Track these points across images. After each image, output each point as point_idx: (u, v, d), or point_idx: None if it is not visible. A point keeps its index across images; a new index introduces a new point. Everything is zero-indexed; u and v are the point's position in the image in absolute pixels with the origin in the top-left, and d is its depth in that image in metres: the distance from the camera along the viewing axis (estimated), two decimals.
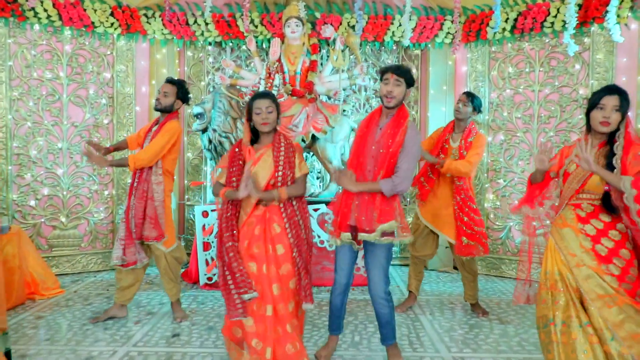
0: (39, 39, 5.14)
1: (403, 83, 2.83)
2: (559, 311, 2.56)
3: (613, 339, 2.42)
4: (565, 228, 2.59)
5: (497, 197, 5.45)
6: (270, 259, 2.77)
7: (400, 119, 2.85)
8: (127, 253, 3.68)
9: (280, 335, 2.73)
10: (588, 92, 4.91)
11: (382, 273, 2.88)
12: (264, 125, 2.83)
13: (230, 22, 5.57)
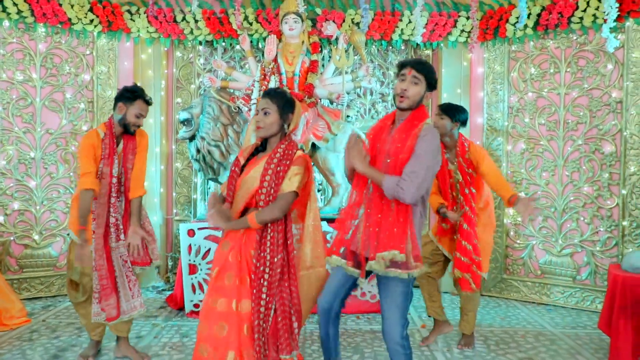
0: (8, 36, 4.64)
1: (422, 81, 2.30)
2: None
3: None
4: None
5: (517, 213, 4.89)
6: (243, 293, 2.24)
7: (415, 120, 2.33)
8: None
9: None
10: (622, 95, 4.37)
11: (398, 313, 2.33)
12: (257, 129, 2.33)
13: (222, 19, 5.05)
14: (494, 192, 3.45)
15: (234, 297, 2.23)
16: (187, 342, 3.64)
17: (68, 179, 4.90)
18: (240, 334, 2.20)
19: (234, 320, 2.21)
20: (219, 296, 2.25)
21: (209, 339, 2.23)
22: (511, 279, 4.94)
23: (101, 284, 2.96)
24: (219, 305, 2.23)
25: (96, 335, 3.25)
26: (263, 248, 2.25)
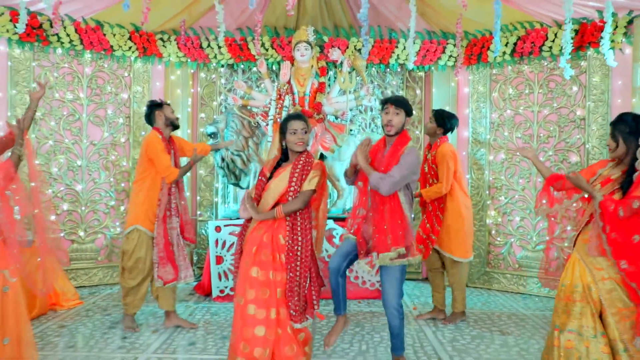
0: (61, 62, 5.42)
1: (402, 112, 3.09)
2: (568, 320, 2.76)
3: (625, 350, 2.62)
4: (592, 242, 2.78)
5: (498, 214, 5.64)
6: (275, 266, 2.97)
7: (399, 145, 3.11)
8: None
9: (280, 336, 2.92)
10: (585, 113, 5.13)
11: (396, 287, 3.08)
12: (299, 145, 3.04)
13: (242, 46, 5.83)
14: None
15: (270, 269, 2.96)
16: (217, 318, 4.37)
17: (108, 184, 5.66)
18: (276, 297, 2.94)
19: (272, 286, 2.94)
20: (254, 266, 2.97)
21: (256, 301, 2.95)
22: (493, 271, 5.67)
23: (159, 255, 3.76)
24: (260, 276, 2.95)
25: (134, 310, 4.00)
26: (295, 232, 2.99)
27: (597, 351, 2.66)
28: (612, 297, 2.70)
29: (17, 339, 2.77)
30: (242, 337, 2.94)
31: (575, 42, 5.01)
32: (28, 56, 5.22)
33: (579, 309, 2.74)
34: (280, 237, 3.01)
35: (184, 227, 4.10)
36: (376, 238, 3.04)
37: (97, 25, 5.40)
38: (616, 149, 2.80)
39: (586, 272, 2.77)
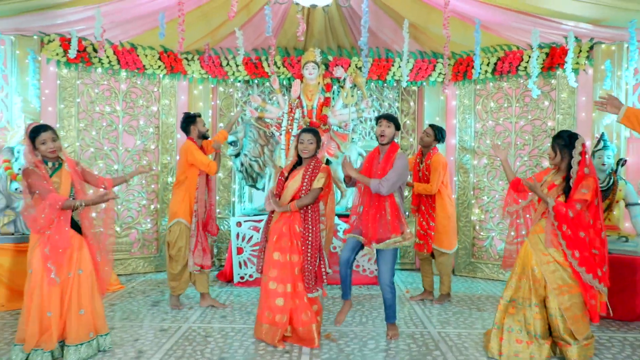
0: (100, 79, 6.24)
1: (392, 125, 3.92)
2: (512, 292, 3.57)
3: (562, 316, 3.42)
4: (542, 233, 3.57)
5: (481, 212, 6.45)
6: (292, 250, 3.79)
7: (391, 153, 3.93)
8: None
9: (297, 305, 3.75)
10: (555, 125, 5.94)
11: (389, 267, 3.89)
12: (304, 152, 3.88)
13: (257, 64, 6.64)
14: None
15: (287, 252, 3.77)
16: (239, 299, 5.17)
17: (140, 185, 6.47)
18: (293, 274, 3.75)
19: (290, 266, 3.76)
20: (276, 251, 3.79)
21: (277, 278, 3.76)
22: (477, 262, 6.47)
23: (195, 244, 4.58)
24: (280, 259, 3.77)
25: (180, 292, 4.80)
26: (307, 222, 3.80)
27: (530, 316, 3.49)
28: (555, 277, 3.49)
29: (92, 312, 3.56)
30: (267, 307, 3.77)
31: (546, 63, 5.84)
32: (73, 75, 6.03)
33: (522, 284, 3.55)
34: (296, 227, 3.83)
35: (208, 222, 4.88)
36: (374, 229, 3.84)
37: (131, 47, 6.22)
38: (554, 158, 3.59)
39: (533, 257, 3.56)
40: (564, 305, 3.45)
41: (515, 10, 5.30)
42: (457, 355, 3.65)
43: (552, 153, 3.60)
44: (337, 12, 5.97)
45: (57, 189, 3.47)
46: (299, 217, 3.84)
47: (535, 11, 5.26)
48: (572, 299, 3.47)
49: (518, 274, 3.63)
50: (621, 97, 5.36)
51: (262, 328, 3.81)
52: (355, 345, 3.83)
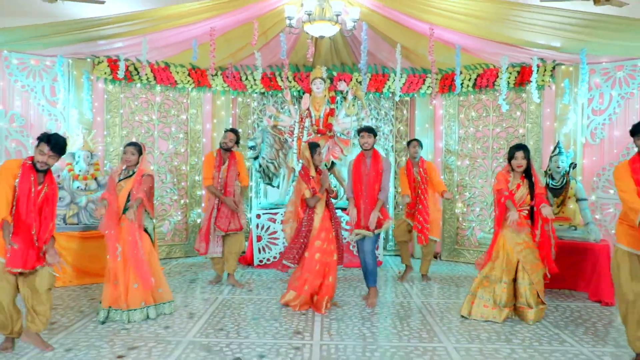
0: (139, 93, 7.33)
1: (372, 135, 5.03)
2: (486, 270, 4.66)
3: (530, 284, 4.52)
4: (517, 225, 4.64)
5: (464, 206, 7.55)
6: (330, 241, 4.93)
7: (375, 157, 5.05)
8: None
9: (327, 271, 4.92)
10: (525, 132, 7.03)
11: (372, 241, 5.05)
12: (321, 162, 4.99)
13: (271, 78, 7.72)
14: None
15: (326, 241, 4.91)
16: (259, 278, 6.27)
17: (172, 183, 7.56)
18: (331, 259, 4.88)
19: (328, 250, 4.89)
20: (319, 240, 4.90)
21: (319, 262, 4.88)
22: (460, 248, 7.58)
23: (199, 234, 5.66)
24: (320, 245, 4.89)
25: (220, 271, 5.90)
26: (335, 217, 4.96)
27: (499, 290, 4.58)
28: (527, 259, 4.57)
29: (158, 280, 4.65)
30: (308, 283, 4.90)
31: (518, 79, 6.92)
32: (117, 90, 7.13)
33: (495, 265, 4.63)
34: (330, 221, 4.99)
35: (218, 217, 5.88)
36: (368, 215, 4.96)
37: (165, 65, 7.30)
38: (523, 165, 4.61)
39: (507, 243, 4.63)
40: (536, 280, 4.55)
41: (491, 40, 6.37)
42: (434, 316, 4.76)
43: (524, 161, 4.62)
44: (340, 37, 7.02)
45: (118, 191, 4.53)
46: (330, 214, 5.02)
47: (507, 40, 6.33)
48: (540, 274, 4.58)
49: (493, 258, 4.70)
50: (576, 110, 6.45)
51: (291, 295, 4.95)
52: (355, 310, 4.94)
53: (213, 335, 4.14)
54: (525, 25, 5.84)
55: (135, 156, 4.58)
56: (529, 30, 5.93)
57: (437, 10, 5.91)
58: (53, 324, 4.35)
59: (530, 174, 4.65)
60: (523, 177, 4.68)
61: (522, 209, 4.61)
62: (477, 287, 4.70)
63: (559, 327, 4.46)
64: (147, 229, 4.68)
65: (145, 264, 4.46)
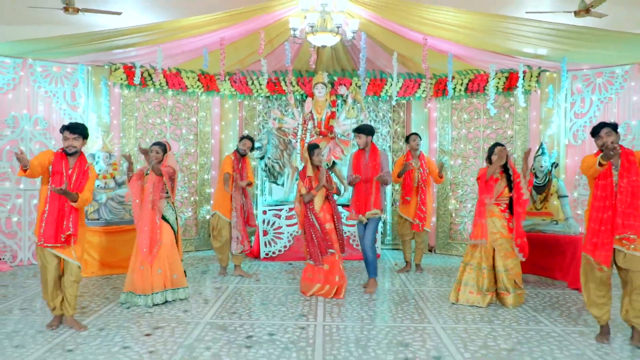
0: (152, 97, 7.83)
1: (363, 136, 5.54)
2: (468, 258, 5.16)
3: (506, 271, 5.02)
4: (494, 217, 5.13)
5: (457, 202, 8.05)
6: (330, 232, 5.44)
7: (373, 151, 5.58)
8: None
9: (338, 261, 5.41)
10: (513, 133, 7.53)
11: (373, 233, 5.55)
12: (320, 162, 5.48)
13: (276, 83, 8.22)
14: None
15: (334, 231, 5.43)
16: (265, 270, 6.78)
17: (183, 181, 8.06)
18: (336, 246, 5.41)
19: (334, 237, 5.40)
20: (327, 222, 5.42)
21: (324, 253, 5.39)
22: (453, 242, 8.08)
23: (236, 233, 6.15)
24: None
25: (225, 264, 6.40)
26: (335, 212, 5.45)
27: (480, 276, 5.08)
28: (502, 247, 5.08)
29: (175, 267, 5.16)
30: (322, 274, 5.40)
31: (506, 84, 7.43)
32: (132, 94, 7.64)
33: (475, 254, 5.14)
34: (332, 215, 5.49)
35: (249, 218, 6.43)
36: (365, 203, 5.46)
37: (177, 71, 7.81)
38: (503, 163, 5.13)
39: (486, 232, 5.15)
40: (509, 266, 5.05)
41: (480, 49, 6.88)
42: (426, 302, 5.26)
43: (505, 154, 5.12)
44: (341, 45, 7.51)
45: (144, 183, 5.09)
46: (331, 206, 5.51)
47: (495, 49, 6.83)
48: (514, 262, 5.07)
49: (472, 247, 5.21)
50: (559, 113, 6.95)
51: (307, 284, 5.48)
52: (355, 297, 5.45)
53: (227, 318, 4.65)
54: (512, 36, 6.34)
55: (160, 154, 5.09)
56: (515, 40, 6.43)
57: (431, 22, 6.40)
58: (84, 308, 4.87)
59: (508, 167, 5.15)
60: (502, 171, 5.17)
61: (500, 202, 5.11)
62: (461, 275, 5.21)
63: (537, 311, 4.97)
64: (169, 219, 5.17)
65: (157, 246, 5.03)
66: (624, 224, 3.83)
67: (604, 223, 3.91)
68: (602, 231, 3.91)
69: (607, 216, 3.89)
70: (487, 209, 5.21)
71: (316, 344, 3.98)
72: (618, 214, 3.85)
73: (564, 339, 4.15)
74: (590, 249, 3.97)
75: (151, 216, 5.03)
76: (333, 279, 5.39)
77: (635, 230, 3.82)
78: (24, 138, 6.83)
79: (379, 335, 4.21)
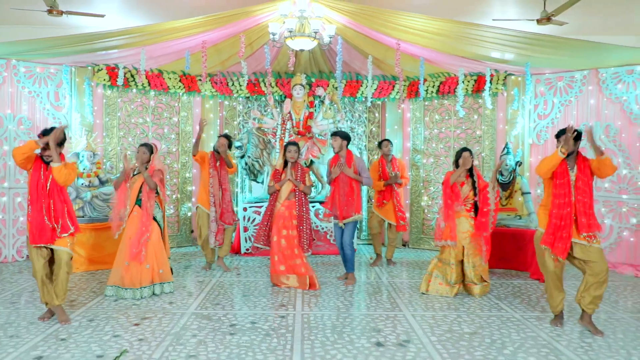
0: (135, 97, 8.03)
1: (339, 139, 5.85)
2: (441, 254, 5.53)
3: (473, 267, 5.40)
4: (461, 217, 5.50)
5: (429, 199, 8.44)
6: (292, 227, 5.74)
7: (350, 157, 5.88)
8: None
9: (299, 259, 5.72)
10: (482, 133, 7.94)
11: (350, 233, 5.86)
12: (292, 159, 5.77)
13: (255, 84, 8.49)
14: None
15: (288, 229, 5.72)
16: (246, 264, 7.07)
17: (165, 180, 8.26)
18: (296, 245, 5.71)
19: (291, 237, 5.70)
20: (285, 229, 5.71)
21: (287, 245, 5.68)
22: (425, 237, 8.47)
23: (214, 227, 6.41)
24: (288, 232, 5.70)
25: (209, 259, 6.66)
26: (303, 208, 5.74)
27: (449, 270, 5.45)
28: (470, 245, 5.46)
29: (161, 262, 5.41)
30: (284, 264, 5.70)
31: (475, 87, 7.82)
32: (115, 95, 7.83)
33: (445, 251, 5.51)
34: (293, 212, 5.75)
35: (223, 214, 6.66)
36: (346, 208, 5.78)
37: (159, 72, 8.01)
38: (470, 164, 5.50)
39: (455, 233, 5.51)
40: (477, 263, 5.43)
41: (450, 53, 7.26)
42: (398, 293, 5.62)
43: (470, 160, 5.49)
44: (319, 48, 7.81)
45: (132, 183, 5.33)
46: (294, 204, 5.78)
47: (464, 54, 7.22)
48: (482, 259, 5.45)
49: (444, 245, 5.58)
50: (524, 115, 7.39)
51: (278, 276, 5.77)
52: (331, 289, 5.77)
53: (211, 308, 4.93)
54: (479, 42, 6.73)
55: (147, 155, 5.33)
56: (482, 46, 6.82)
57: (403, 28, 6.75)
58: (72, 302, 5.09)
59: (473, 173, 5.53)
60: (468, 175, 5.55)
61: (466, 203, 5.49)
62: (433, 268, 5.58)
63: (499, 299, 5.36)
64: (156, 217, 5.42)
65: (145, 246, 5.27)
66: (589, 224, 4.23)
67: (564, 218, 4.29)
68: (562, 226, 4.29)
69: (566, 212, 4.28)
70: (455, 211, 5.56)
71: (295, 331, 4.29)
72: (581, 213, 4.24)
73: (522, 323, 4.55)
74: (550, 242, 4.34)
75: (140, 215, 5.27)
76: (299, 269, 5.72)
77: (596, 228, 4.24)
78: (8, 137, 6.98)
79: (353, 323, 4.55)
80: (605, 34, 7.91)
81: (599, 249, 4.25)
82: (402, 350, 3.87)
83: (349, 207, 5.83)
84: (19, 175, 7.05)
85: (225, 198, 6.58)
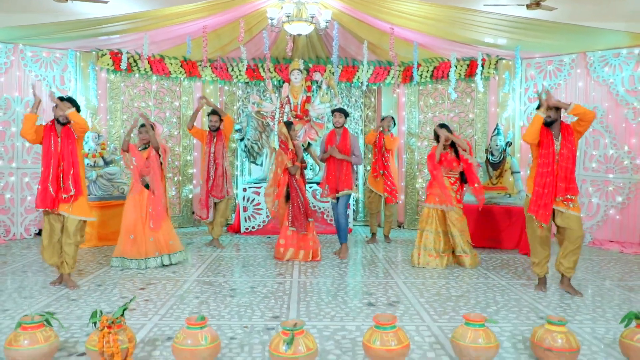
0: (137, 82, 8.26)
1: (343, 115, 6.11)
2: (424, 225, 5.79)
3: (455, 237, 5.66)
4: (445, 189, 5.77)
5: (423, 181, 8.69)
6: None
7: (345, 133, 6.14)
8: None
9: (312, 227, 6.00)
10: (474, 117, 8.18)
11: (344, 204, 6.14)
12: (297, 137, 6.04)
13: (254, 69, 8.72)
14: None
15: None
16: (245, 243, 7.33)
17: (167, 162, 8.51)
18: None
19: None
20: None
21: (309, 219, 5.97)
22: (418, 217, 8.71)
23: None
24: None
25: (215, 235, 6.91)
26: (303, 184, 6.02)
27: (436, 239, 5.72)
28: (451, 213, 5.71)
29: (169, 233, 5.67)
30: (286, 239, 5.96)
31: (468, 71, 8.06)
32: (118, 79, 8.06)
33: (429, 220, 5.77)
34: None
35: (212, 187, 6.90)
36: (339, 183, 6.04)
37: (160, 58, 8.25)
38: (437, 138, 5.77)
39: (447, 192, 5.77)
40: (461, 229, 5.69)
41: (443, 38, 7.49)
42: (391, 264, 5.88)
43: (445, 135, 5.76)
44: (315, 33, 8.04)
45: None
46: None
47: (456, 38, 7.45)
48: (464, 225, 5.72)
49: (427, 214, 5.84)
50: (515, 98, 7.64)
51: (280, 251, 6.03)
52: (327, 261, 6.03)
53: (212, 277, 5.20)
54: (471, 26, 6.96)
55: (146, 135, 5.60)
56: (474, 30, 7.05)
57: (397, 13, 6.97)
58: (81, 271, 5.35)
59: (454, 144, 5.78)
60: (450, 147, 5.81)
61: (451, 176, 5.75)
62: (419, 241, 5.83)
63: (488, 269, 5.63)
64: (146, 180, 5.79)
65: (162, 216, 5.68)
66: (566, 188, 4.48)
67: (547, 186, 4.54)
68: (545, 194, 4.55)
69: (549, 180, 4.53)
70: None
71: (292, 294, 4.56)
72: (560, 179, 4.49)
73: (507, 288, 4.81)
74: (534, 209, 4.60)
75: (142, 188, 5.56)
76: (307, 243, 5.98)
77: (573, 192, 4.48)
78: (16, 119, 7.23)
79: (347, 288, 4.82)
80: (594, 20, 8.12)
81: (577, 216, 4.50)
82: (391, 309, 4.14)
83: (340, 183, 6.13)
84: (26, 155, 7.31)
85: (217, 172, 6.77)
